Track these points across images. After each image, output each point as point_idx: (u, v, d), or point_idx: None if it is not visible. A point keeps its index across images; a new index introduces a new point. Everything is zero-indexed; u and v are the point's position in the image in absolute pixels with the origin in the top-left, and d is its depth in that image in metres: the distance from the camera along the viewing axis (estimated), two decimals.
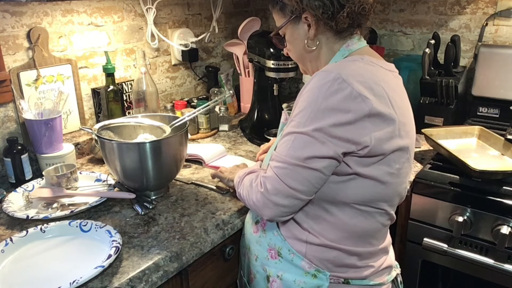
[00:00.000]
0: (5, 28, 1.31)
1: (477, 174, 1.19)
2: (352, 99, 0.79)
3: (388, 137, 0.83)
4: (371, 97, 0.80)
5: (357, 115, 0.79)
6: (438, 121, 1.62)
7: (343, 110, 0.79)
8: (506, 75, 1.60)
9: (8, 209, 1.10)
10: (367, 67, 0.87)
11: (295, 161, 0.83)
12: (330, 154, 0.81)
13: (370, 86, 0.82)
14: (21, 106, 1.30)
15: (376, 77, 0.85)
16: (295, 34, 0.97)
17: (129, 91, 1.67)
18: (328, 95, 0.80)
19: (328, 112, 0.80)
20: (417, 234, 1.31)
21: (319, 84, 0.82)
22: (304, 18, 0.92)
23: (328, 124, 0.80)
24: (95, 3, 1.53)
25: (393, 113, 0.83)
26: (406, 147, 0.88)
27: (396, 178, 0.89)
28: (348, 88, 0.79)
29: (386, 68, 0.92)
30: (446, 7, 1.80)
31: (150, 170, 1.13)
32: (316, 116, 0.81)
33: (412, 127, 0.93)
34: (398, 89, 0.91)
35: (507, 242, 1.14)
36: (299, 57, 1.01)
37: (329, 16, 0.89)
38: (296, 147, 0.83)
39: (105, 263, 0.87)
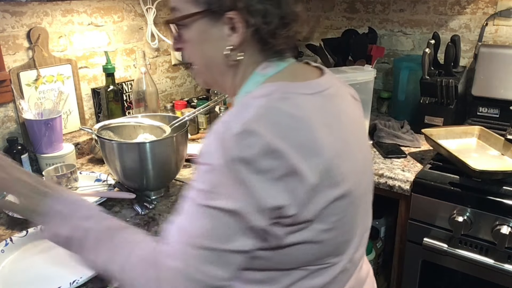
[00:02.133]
0: (5, 28, 1.31)
1: (477, 174, 1.19)
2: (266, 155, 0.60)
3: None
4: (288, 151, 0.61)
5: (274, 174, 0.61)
6: (438, 121, 1.62)
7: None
8: (506, 75, 1.60)
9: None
10: (284, 105, 0.65)
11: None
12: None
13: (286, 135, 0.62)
14: (21, 106, 1.30)
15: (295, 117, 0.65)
16: (205, 35, 0.72)
17: (129, 91, 1.67)
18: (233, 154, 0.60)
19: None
20: (417, 234, 1.31)
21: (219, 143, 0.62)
22: (227, 17, 0.69)
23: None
24: (95, 3, 1.53)
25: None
26: (344, 194, 0.68)
27: (334, 231, 0.69)
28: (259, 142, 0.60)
29: (314, 91, 0.70)
30: (446, 7, 1.80)
31: (150, 170, 1.13)
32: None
33: (357, 161, 0.74)
34: (331, 118, 0.70)
35: (507, 242, 1.14)
36: (206, 65, 0.77)
37: (268, 29, 0.69)
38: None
39: None
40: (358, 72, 1.50)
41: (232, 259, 0.63)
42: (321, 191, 0.65)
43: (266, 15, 0.68)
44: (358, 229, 0.76)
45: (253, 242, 0.64)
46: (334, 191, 0.67)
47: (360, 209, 0.75)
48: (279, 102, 0.65)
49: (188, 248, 0.63)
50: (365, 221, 0.80)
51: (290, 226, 0.65)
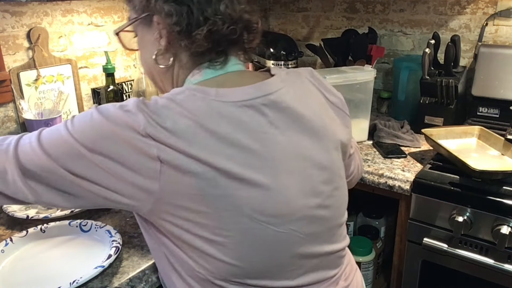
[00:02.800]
0: (5, 28, 1.31)
1: (477, 174, 1.19)
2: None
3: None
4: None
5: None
6: (438, 121, 1.62)
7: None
8: (506, 75, 1.60)
9: (8, 209, 1.10)
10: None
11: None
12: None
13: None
14: (21, 106, 1.31)
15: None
16: (144, 40, 0.76)
17: (129, 91, 1.67)
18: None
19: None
20: (417, 234, 1.31)
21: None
22: (155, 21, 0.72)
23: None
24: (95, 3, 1.53)
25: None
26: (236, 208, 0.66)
27: (231, 247, 0.67)
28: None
29: (225, 100, 0.68)
30: (446, 7, 1.80)
31: None
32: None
33: (279, 178, 0.69)
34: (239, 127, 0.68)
35: (507, 242, 1.14)
36: (147, 70, 0.81)
37: (182, 30, 0.70)
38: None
39: (105, 263, 0.87)
40: (358, 72, 1.50)
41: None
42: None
43: (176, 15, 0.69)
44: (292, 255, 0.72)
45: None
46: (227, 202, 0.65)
47: (286, 234, 0.70)
48: (187, 101, 0.66)
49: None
50: (309, 247, 0.74)
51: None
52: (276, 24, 2.26)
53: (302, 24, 2.18)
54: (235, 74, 0.76)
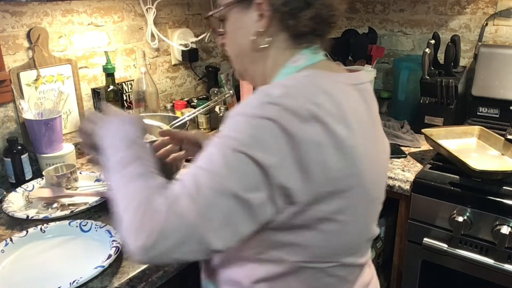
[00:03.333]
0: (5, 28, 1.31)
1: (477, 174, 1.19)
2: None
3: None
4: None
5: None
6: (438, 121, 1.62)
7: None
8: (506, 75, 1.60)
9: (8, 209, 1.10)
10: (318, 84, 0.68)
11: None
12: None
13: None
14: (21, 106, 1.30)
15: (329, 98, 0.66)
16: (239, 22, 0.76)
17: (129, 91, 1.67)
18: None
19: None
20: (417, 234, 1.31)
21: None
22: (256, 4, 0.72)
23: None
24: (95, 3, 1.53)
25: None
26: (361, 185, 0.69)
27: (349, 224, 0.70)
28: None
29: (350, 82, 0.73)
30: (446, 7, 1.80)
31: None
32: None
33: (378, 162, 0.75)
34: (360, 112, 0.72)
35: (507, 242, 1.14)
36: (238, 54, 0.80)
37: (290, 11, 0.71)
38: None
39: (105, 263, 0.87)
40: None
41: (247, 211, 0.60)
42: (336, 176, 0.65)
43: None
44: (369, 232, 0.77)
45: (270, 202, 0.62)
46: (353, 180, 0.67)
47: (373, 212, 0.77)
48: (318, 79, 0.68)
49: (204, 188, 0.59)
50: (374, 226, 0.80)
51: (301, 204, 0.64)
52: None
53: None
54: (326, 61, 0.78)
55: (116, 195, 0.67)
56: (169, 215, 0.58)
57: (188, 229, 0.58)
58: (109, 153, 0.72)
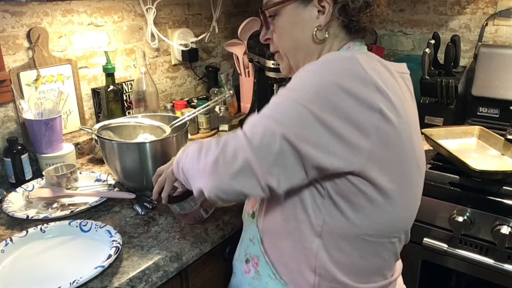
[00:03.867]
0: (5, 28, 1.31)
1: (477, 174, 1.19)
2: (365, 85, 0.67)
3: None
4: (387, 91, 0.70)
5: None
6: (438, 121, 1.62)
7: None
8: (506, 75, 1.60)
9: (8, 209, 1.10)
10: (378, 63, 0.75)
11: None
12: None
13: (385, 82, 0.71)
14: (21, 106, 1.30)
15: (388, 77, 0.74)
16: (296, 18, 0.78)
17: (129, 91, 1.67)
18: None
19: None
20: (417, 234, 1.31)
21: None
22: (316, 1, 0.76)
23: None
24: (95, 3, 1.53)
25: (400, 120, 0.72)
26: (415, 162, 0.77)
27: (404, 198, 0.77)
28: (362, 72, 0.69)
29: (393, 70, 0.79)
30: (446, 7, 1.80)
31: (150, 170, 1.13)
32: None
33: (421, 147, 0.83)
34: (406, 93, 0.79)
35: (507, 242, 1.14)
36: (292, 49, 0.82)
37: (353, 10, 0.75)
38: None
39: (105, 263, 0.87)
40: None
41: (301, 156, 0.67)
42: (394, 144, 0.71)
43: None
44: (417, 209, 0.84)
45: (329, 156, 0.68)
46: (405, 153, 0.73)
47: (419, 191, 0.83)
48: (373, 56, 0.75)
49: (266, 127, 0.68)
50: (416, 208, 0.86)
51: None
52: None
53: None
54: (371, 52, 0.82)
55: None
56: (228, 150, 0.69)
57: (244, 162, 0.68)
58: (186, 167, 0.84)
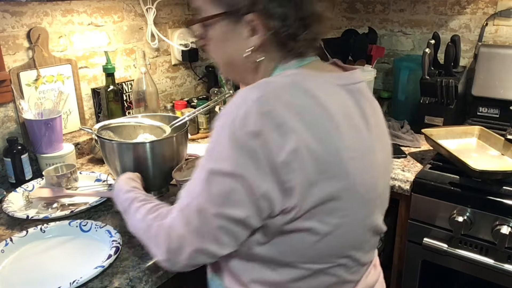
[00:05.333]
0: (5, 28, 1.31)
1: (477, 174, 1.19)
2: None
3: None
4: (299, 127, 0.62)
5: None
6: (438, 121, 1.62)
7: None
8: (506, 75, 1.60)
9: (8, 209, 1.10)
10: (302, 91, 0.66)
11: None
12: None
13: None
14: (21, 106, 1.30)
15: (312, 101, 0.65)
16: (227, 34, 0.73)
17: (129, 91, 1.67)
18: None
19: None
20: (417, 234, 1.31)
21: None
22: (247, 20, 0.69)
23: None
24: (95, 3, 1.53)
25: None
26: (350, 189, 0.67)
27: (339, 227, 0.68)
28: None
29: (341, 83, 0.71)
30: (446, 7, 1.80)
31: (150, 170, 1.13)
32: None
33: (374, 163, 0.73)
34: (346, 110, 0.69)
35: (507, 242, 1.14)
36: (225, 64, 0.78)
37: (288, 34, 0.69)
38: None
39: (105, 263, 0.87)
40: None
41: (229, 227, 0.65)
42: (322, 180, 0.63)
43: (285, 18, 0.68)
44: (368, 232, 0.75)
45: (251, 212, 0.64)
46: (337, 184, 0.65)
47: (372, 212, 0.74)
48: (301, 80, 0.66)
49: (188, 211, 0.67)
50: (378, 225, 0.78)
51: (286, 213, 0.65)
52: None
53: None
54: (318, 62, 0.76)
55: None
56: (171, 238, 0.69)
57: (191, 247, 0.68)
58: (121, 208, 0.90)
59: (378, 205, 0.76)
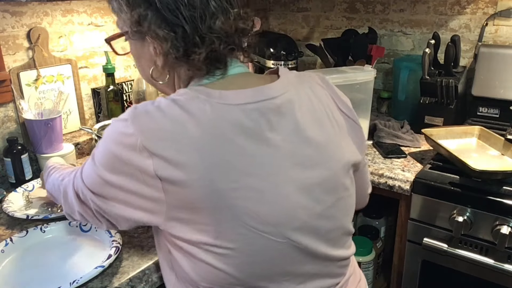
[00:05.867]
0: (5, 28, 1.31)
1: (477, 174, 1.19)
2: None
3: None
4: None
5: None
6: (438, 121, 1.62)
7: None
8: (506, 75, 1.60)
9: (8, 209, 1.10)
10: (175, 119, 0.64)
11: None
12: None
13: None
14: (21, 106, 1.30)
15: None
16: (139, 51, 0.76)
17: (129, 91, 1.67)
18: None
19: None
20: (417, 234, 1.31)
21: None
22: (149, 41, 0.71)
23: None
24: (95, 3, 1.53)
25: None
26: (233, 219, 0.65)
27: (235, 258, 0.67)
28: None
29: (238, 102, 0.67)
30: (446, 7, 1.80)
31: None
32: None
33: (273, 190, 0.67)
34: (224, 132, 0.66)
35: (507, 242, 1.14)
36: (146, 78, 0.81)
37: (179, 55, 0.69)
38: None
39: (105, 263, 0.87)
40: (358, 72, 1.50)
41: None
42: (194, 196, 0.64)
43: (172, 40, 0.68)
44: (286, 264, 0.70)
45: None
46: (229, 212, 0.64)
47: (288, 249, 0.69)
48: (183, 103, 0.65)
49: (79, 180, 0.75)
50: (305, 264, 0.72)
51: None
52: (276, 24, 2.26)
53: (302, 24, 2.18)
54: (238, 76, 0.74)
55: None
56: (69, 205, 0.79)
57: (80, 217, 0.78)
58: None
59: (301, 242, 0.70)
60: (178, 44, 0.68)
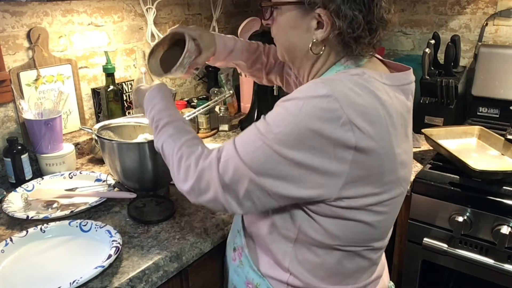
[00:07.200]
0: (5, 28, 1.31)
1: (477, 174, 1.19)
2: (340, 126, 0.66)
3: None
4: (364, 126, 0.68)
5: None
6: (438, 121, 1.62)
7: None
8: (506, 75, 1.60)
9: (8, 209, 1.10)
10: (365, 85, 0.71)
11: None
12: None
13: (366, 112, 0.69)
14: (21, 106, 1.30)
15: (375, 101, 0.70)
16: (295, 23, 0.77)
17: (129, 91, 1.67)
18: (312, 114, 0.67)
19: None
20: (417, 234, 1.31)
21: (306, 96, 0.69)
22: (317, 13, 0.73)
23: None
24: (95, 3, 1.53)
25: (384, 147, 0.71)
26: (400, 182, 0.77)
27: (386, 214, 0.78)
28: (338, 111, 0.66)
29: (396, 83, 0.76)
30: (446, 7, 1.80)
31: (150, 170, 1.13)
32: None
33: (410, 158, 0.82)
34: (400, 110, 0.75)
35: (507, 242, 1.14)
36: (286, 49, 0.82)
37: (353, 35, 0.72)
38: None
39: (105, 263, 0.87)
40: None
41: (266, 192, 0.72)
42: (378, 174, 0.71)
43: (352, 21, 0.71)
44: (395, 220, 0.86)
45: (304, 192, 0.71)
46: (389, 177, 0.73)
47: (397, 204, 0.82)
48: (364, 82, 0.70)
49: (227, 164, 0.73)
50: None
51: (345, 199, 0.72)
52: None
53: None
54: (372, 61, 0.80)
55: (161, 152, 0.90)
56: (202, 182, 0.76)
57: (215, 195, 0.75)
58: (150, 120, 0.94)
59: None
60: (356, 26, 0.71)
